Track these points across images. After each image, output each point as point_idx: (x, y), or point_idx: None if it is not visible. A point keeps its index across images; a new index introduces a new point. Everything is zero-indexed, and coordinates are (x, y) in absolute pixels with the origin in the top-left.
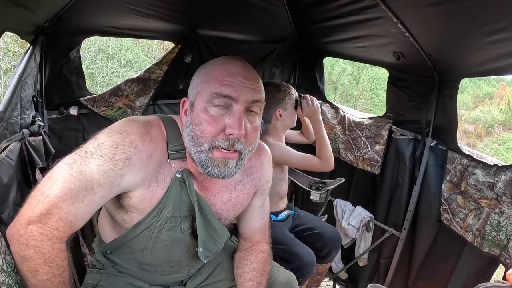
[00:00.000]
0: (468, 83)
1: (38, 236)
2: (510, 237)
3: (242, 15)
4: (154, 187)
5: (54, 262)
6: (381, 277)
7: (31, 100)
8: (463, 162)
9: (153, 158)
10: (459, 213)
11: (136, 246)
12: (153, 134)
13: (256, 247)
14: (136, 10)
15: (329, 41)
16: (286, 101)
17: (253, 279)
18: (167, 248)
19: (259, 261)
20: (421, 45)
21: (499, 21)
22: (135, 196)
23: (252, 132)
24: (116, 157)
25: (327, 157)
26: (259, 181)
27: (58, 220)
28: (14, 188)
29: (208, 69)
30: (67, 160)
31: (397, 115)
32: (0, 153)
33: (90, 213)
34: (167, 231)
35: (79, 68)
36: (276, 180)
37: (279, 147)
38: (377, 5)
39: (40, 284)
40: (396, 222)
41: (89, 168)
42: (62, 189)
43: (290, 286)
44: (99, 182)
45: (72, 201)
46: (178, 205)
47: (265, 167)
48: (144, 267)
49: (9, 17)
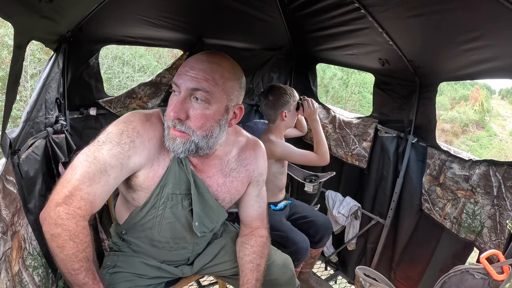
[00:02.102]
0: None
1: (65, 215)
2: (484, 224)
3: (243, 26)
4: (156, 166)
5: (78, 238)
6: (368, 260)
7: (54, 102)
8: (442, 157)
9: (153, 140)
10: (438, 202)
11: (146, 224)
12: (153, 121)
13: (255, 232)
14: (149, 21)
15: (321, 49)
16: (291, 103)
17: (253, 261)
18: (172, 225)
19: (258, 245)
20: (404, 53)
21: (473, 31)
22: (141, 175)
23: (197, 117)
24: (122, 141)
25: (323, 152)
26: (253, 172)
27: (80, 200)
28: (39, 180)
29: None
30: (84, 150)
31: (382, 115)
32: (27, 149)
33: (107, 193)
34: (170, 208)
35: (98, 73)
36: (277, 174)
37: (281, 145)
38: (364, 17)
39: (67, 258)
40: (381, 211)
41: (101, 154)
42: (81, 173)
43: (286, 268)
44: (110, 164)
45: (90, 182)
46: (178, 183)
47: (259, 161)
48: (154, 244)
49: (35, 27)
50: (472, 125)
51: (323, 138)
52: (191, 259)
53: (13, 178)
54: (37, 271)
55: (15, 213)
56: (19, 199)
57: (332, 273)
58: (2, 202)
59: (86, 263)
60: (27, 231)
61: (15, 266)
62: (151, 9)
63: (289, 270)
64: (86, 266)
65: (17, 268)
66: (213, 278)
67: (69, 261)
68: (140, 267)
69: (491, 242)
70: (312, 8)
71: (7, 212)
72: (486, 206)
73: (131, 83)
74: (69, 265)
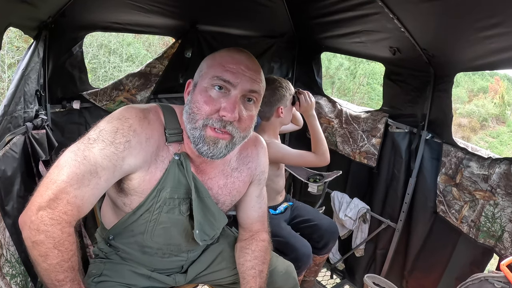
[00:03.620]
0: (463, 78)
1: (48, 221)
2: (504, 228)
3: (241, 11)
4: (153, 169)
5: (63, 246)
6: (377, 268)
7: (34, 94)
8: (458, 155)
9: (151, 140)
10: (455, 204)
11: (137, 229)
12: (151, 118)
13: (256, 236)
14: (137, 6)
15: (327, 36)
16: (287, 97)
17: (255, 267)
18: (166, 230)
19: (259, 249)
20: (417, 40)
21: (492, 16)
22: (136, 178)
23: (246, 119)
24: (116, 141)
25: (322, 151)
26: (255, 170)
27: (66, 204)
28: (18, 180)
29: (215, 56)
30: (72, 148)
31: (393, 109)
32: (4, 146)
33: (96, 197)
34: (166, 213)
35: (82, 62)
36: (272, 177)
37: (275, 146)
38: (373, 1)
39: (51, 268)
40: (392, 213)
41: (92, 153)
42: (68, 174)
43: (289, 275)
44: (102, 165)
45: (79, 185)
46: (176, 187)
47: (260, 158)
48: (145, 250)
49: (13, 12)
50: (492, 119)
51: (322, 135)
52: (185, 267)
53: None
54: (15, 280)
55: None
56: None
57: (338, 281)
58: None
59: (72, 273)
60: (4, 236)
61: None
62: None
63: (291, 279)
64: (71, 277)
65: None
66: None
67: (53, 271)
68: (129, 276)
69: None
70: None
71: None
72: (507, 208)
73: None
74: (53, 275)
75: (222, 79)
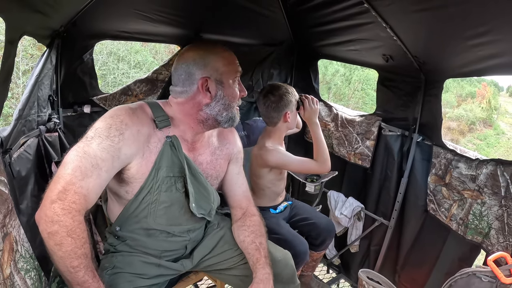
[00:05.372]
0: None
1: (60, 211)
2: (491, 225)
3: (242, 20)
4: (147, 154)
5: (75, 233)
6: (371, 263)
7: (47, 99)
8: (447, 157)
9: (141, 131)
10: (444, 203)
11: (141, 214)
12: (139, 113)
13: (246, 212)
14: (145, 16)
15: (323, 44)
16: (293, 103)
17: (254, 241)
18: (167, 210)
19: (254, 224)
20: (409, 48)
21: (480, 25)
22: (133, 166)
23: None
24: (111, 135)
25: (324, 159)
26: (232, 150)
27: (74, 194)
28: (32, 180)
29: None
30: (74, 147)
31: (386, 113)
32: (19, 148)
33: (100, 187)
34: (165, 192)
35: (92, 69)
36: (275, 180)
37: (277, 153)
38: (367, 11)
39: (65, 255)
40: (385, 212)
41: (91, 148)
42: (72, 168)
43: (286, 263)
44: (101, 157)
45: (83, 176)
46: (171, 166)
47: (235, 140)
48: (150, 233)
49: (27, 22)
50: (479, 123)
51: (324, 144)
52: (189, 247)
53: (5, 178)
54: (29, 274)
55: (7, 214)
56: (10, 199)
57: (334, 276)
58: None
59: (85, 259)
60: (19, 233)
61: (6, 269)
62: (147, 3)
63: (289, 266)
64: (85, 263)
65: (8, 271)
66: (211, 282)
67: (68, 258)
68: (139, 266)
69: (499, 244)
70: (314, 2)
71: None
72: (494, 207)
73: (126, 80)
74: (68, 262)
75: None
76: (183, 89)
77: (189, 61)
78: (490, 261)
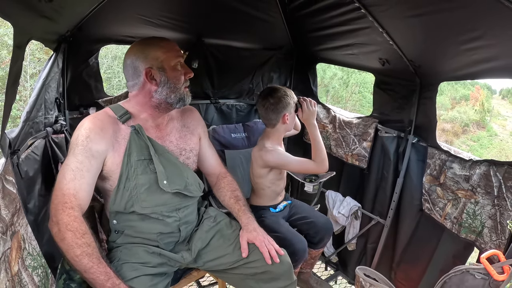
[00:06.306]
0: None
1: (57, 212)
2: (484, 224)
3: (243, 25)
4: (117, 146)
5: (73, 226)
6: (368, 260)
7: (54, 102)
8: (442, 157)
9: (106, 128)
10: (439, 203)
11: (128, 203)
12: (99, 115)
13: (220, 176)
14: (149, 21)
15: (322, 48)
16: (292, 105)
17: (231, 196)
18: (148, 192)
19: (228, 182)
20: (404, 53)
21: (474, 30)
22: (108, 160)
23: None
24: (79, 141)
25: (321, 159)
26: (197, 126)
27: (63, 196)
28: (39, 180)
29: (159, 45)
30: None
31: (383, 115)
32: (27, 149)
33: (87, 184)
34: (141, 175)
35: (97, 72)
36: (275, 180)
37: (276, 154)
38: (364, 16)
39: (67, 246)
40: (382, 211)
41: (69, 160)
42: (59, 179)
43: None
44: (78, 161)
45: (67, 181)
46: (140, 150)
47: (198, 119)
48: (142, 217)
49: (34, 27)
50: (473, 125)
51: (322, 145)
52: (183, 230)
53: (13, 178)
54: (36, 271)
55: (15, 213)
56: (18, 199)
57: (332, 273)
58: (2, 202)
59: (87, 248)
60: (26, 231)
61: (14, 266)
62: (151, 9)
63: (285, 263)
64: (88, 251)
65: (16, 268)
66: (213, 279)
67: (70, 248)
68: (143, 255)
69: (492, 242)
70: (312, 8)
71: (6, 212)
72: (487, 206)
73: None
74: (71, 251)
75: (179, 56)
76: (133, 83)
77: (132, 57)
78: (483, 259)
